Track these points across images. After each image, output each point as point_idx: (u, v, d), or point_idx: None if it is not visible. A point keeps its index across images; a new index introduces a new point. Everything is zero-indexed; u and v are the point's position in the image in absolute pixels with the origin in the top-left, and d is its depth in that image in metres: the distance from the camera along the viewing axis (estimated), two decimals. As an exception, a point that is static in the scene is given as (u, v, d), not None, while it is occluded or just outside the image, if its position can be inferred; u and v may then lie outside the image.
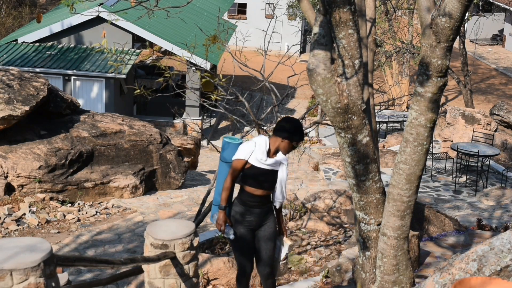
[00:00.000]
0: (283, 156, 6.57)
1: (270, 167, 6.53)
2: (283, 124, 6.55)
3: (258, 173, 6.51)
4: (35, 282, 4.21)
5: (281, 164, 6.58)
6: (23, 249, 4.33)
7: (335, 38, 5.60)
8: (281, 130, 6.51)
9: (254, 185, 6.56)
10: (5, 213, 12.35)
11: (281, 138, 6.52)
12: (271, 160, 6.52)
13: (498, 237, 4.81)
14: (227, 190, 6.56)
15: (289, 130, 6.48)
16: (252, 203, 6.61)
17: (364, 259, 6.45)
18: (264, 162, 6.48)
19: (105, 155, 14.26)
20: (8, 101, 13.27)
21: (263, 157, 6.47)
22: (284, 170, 6.63)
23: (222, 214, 6.54)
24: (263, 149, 6.51)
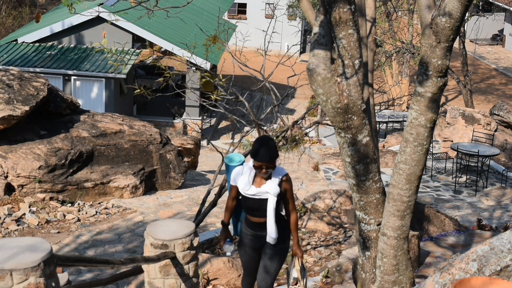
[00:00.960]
0: (272, 185, 6.18)
1: (254, 196, 6.26)
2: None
3: (246, 201, 6.34)
4: (35, 282, 4.21)
5: (267, 193, 6.21)
6: (23, 249, 4.33)
7: (335, 38, 5.60)
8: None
9: (248, 212, 6.42)
10: (5, 213, 12.34)
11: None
12: (253, 190, 6.25)
13: (498, 237, 4.80)
14: (226, 211, 6.57)
15: (252, 148, 6.15)
16: (254, 227, 6.46)
17: (364, 259, 6.45)
18: (246, 192, 6.27)
19: (105, 155, 14.26)
20: (8, 101, 13.27)
21: (245, 186, 6.25)
22: (270, 202, 6.21)
23: (224, 230, 6.57)
24: (247, 175, 6.26)
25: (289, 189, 6.32)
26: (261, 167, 6.10)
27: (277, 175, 6.23)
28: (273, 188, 6.19)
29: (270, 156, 6.07)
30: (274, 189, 6.19)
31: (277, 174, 6.24)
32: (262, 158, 6.06)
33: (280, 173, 6.25)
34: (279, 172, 6.26)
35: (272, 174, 6.19)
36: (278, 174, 6.24)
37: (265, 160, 6.06)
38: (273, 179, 6.21)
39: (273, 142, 6.20)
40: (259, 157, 6.06)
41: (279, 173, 6.25)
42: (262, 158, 6.06)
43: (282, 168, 6.35)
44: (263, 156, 6.06)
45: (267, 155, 6.06)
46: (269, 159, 6.07)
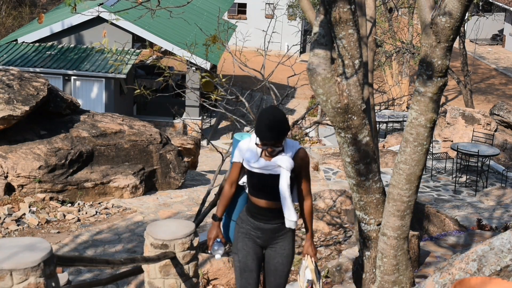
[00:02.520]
0: (285, 158, 5.07)
1: (263, 171, 5.12)
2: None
3: (253, 179, 5.21)
4: (35, 282, 4.20)
5: (280, 167, 5.09)
6: (23, 249, 4.33)
7: (335, 38, 5.60)
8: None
9: (254, 194, 5.25)
10: (5, 213, 12.34)
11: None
12: (261, 162, 5.11)
13: (498, 237, 4.80)
14: (223, 199, 5.41)
15: (256, 124, 5.06)
16: (259, 216, 5.28)
17: (364, 259, 6.45)
18: (253, 165, 5.14)
19: (105, 155, 14.26)
20: (8, 101, 13.27)
21: (251, 158, 5.13)
22: (284, 177, 5.07)
23: (213, 226, 5.37)
24: (254, 148, 5.15)
25: (305, 167, 5.17)
26: (266, 146, 5.04)
27: (290, 148, 5.13)
28: (286, 161, 5.06)
29: (277, 134, 4.95)
30: (288, 162, 5.06)
31: (290, 147, 5.14)
32: (266, 137, 4.96)
33: (293, 145, 5.16)
34: (293, 145, 5.16)
35: (284, 147, 5.10)
36: (292, 147, 5.14)
37: (269, 139, 4.96)
38: (285, 152, 5.12)
39: (280, 114, 5.01)
40: (262, 136, 4.96)
41: (292, 146, 5.16)
42: (266, 137, 4.96)
43: (296, 141, 5.30)
44: (266, 135, 4.95)
45: (272, 133, 4.94)
46: (275, 137, 4.96)
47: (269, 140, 4.96)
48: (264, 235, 5.31)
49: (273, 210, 5.23)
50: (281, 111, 5.06)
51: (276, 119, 4.94)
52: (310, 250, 5.35)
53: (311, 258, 5.35)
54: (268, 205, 5.22)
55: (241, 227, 5.37)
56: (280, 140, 4.98)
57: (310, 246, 5.35)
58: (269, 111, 5.00)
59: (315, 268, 5.35)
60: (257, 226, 5.30)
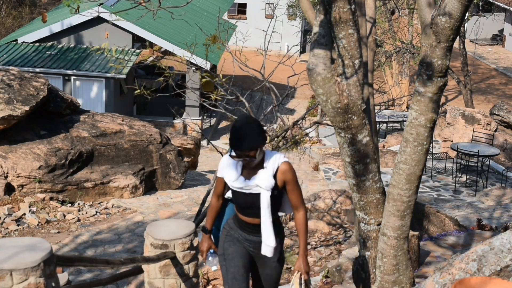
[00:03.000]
0: (264, 177, 4.81)
1: (243, 190, 4.90)
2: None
3: (236, 196, 5.00)
4: (35, 282, 4.20)
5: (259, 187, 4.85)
6: (23, 249, 4.33)
7: (335, 38, 5.60)
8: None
9: (239, 210, 5.06)
10: (5, 213, 12.34)
11: None
12: (241, 182, 4.89)
13: (498, 237, 4.80)
14: (211, 211, 5.23)
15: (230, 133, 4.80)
16: (246, 228, 5.08)
17: (364, 259, 6.45)
18: (233, 184, 4.92)
19: (105, 155, 14.26)
20: (8, 101, 13.27)
21: (232, 176, 4.91)
22: (263, 198, 4.83)
23: (204, 239, 5.26)
24: (234, 166, 4.91)
25: (290, 180, 4.87)
26: (240, 156, 4.77)
27: (271, 162, 4.84)
28: (265, 180, 4.81)
29: (249, 143, 4.67)
30: (267, 181, 4.81)
31: (271, 161, 4.85)
32: (238, 146, 4.71)
33: (274, 159, 4.85)
34: (275, 159, 4.86)
35: (265, 160, 4.83)
36: (273, 162, 4.85)
37: (241, 149, 4.70)
38: (266, 168, 4.83)
39: (253, 123, 4.76)
40: (233, 145, 4.73)
41: (274, 160, 4.85)
42: (238, 146, 4.71)
43: (279, 153, 4.95)
44: (236, 144, 4.71)
45: (242, 142, 4.68)
46: (246, 147, 4.69)
47: (239, 150, 4.71)
48: (252, 245, 5.10)
49: (258, 225, 5.01)
50: (255, 120, 4.82)
51: (247, 127, 4.70)
52: (301, 266, 4.95)
53: (301, 276, 4.94)
54: (254, 222, 5.00)
55: (229, 232, 5.16)
56: (252, 150, 4.70)
57: (302, 263, 4.94)
58: (241, 120, 4.78)
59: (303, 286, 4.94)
60: (245, 238, 5.10)
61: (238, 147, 4.71)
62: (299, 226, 4.98)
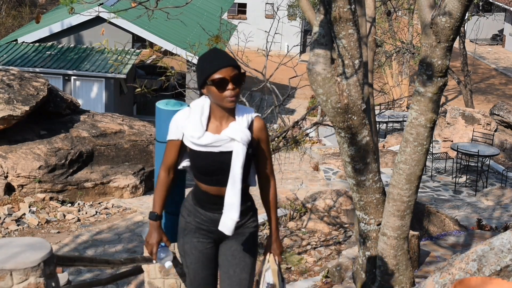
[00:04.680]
0: (239, 129, 3.89)
1: (210, 148, 3.91)
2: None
3: (199, 160, 3.98)
4: (35, 282, 4.20)
5: (233, 141, 3.89)
6: (23, 249, 4.33)
7: (335, 38, 5.60)
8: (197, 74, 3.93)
9: (202, 179, 4.08)
10: (5, 213, 12.34)
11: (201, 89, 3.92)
12: (208, 137, 3.90)
13: (498, 237, 4.80)
14: (159, 190, 4.12)
15: (199, 64, 3.88)
16: (209, 205, 4.06)
17: (364, 259, 6.45)
18: (197, 142, 3.91)
19: (105, 155, 14.26)
20: (8, 101, 13.27)
21: (195, 133, 3.90)
22: (239, 154, 3.87)
23: (153, 228, 4.04)
24: (197, 118, 3.92)
25: (264, 140, 4.00)
26: (225, 82, 3.78)
27: (243, 116, 3.94)
28: (240, 131, 3.88)
29: (232, 59, 3.82)
30: (242, 133, 3.88)
31: (244, 114, 3.95)
32: (222, 62, 3.79)
33: (248, 112, 3.97)
34: (247, 111, 3.98)
35: (236, 115, 3.93)
36: (246, 115, 3.95)
37: (228, 63, 3.80)
38: (238, 120, 3.93)
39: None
40: (214, 65, 3.79)
41: (246, 112, 3.97)
42: (222, 62, 3.79)
43: (250, 108, 4.12)
44: (221, 61, 3.79)
45: (226, 58, 3.82)
46: (233, 61, 3.81)
47: (226, 65, 3.78)
48: (217, 227, 4.02)
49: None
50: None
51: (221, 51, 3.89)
52: (274, 247, 4.15)
53: (275, 257, 4.17)
54: (220, 193, 3.98)
55: (188, 221, 4.11)
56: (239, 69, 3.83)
57: (274, 242, 4.15)
58: (210, 49, 3.92)
59: (278, 270, 4.19)
60: (210, 218, 4.05)
61: (222, 63, 3.78)
62: (272, 199, 4.10)
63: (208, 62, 3.80)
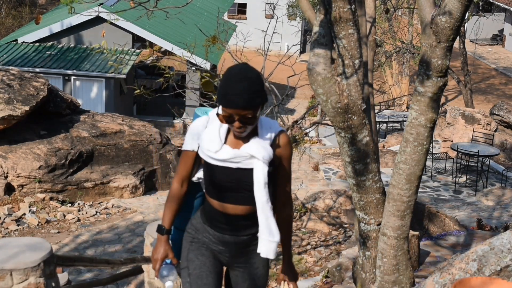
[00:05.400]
0: (261, 145, 3.52)
1: (228, 164, 3.57)
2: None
3: (214, 174, 3.63)
4: (35, 282, 4.20)
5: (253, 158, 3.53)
6: (23, 249, 4.33)
7: (335, 38, 5.60)
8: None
9: (215, 196, 3.68)
10: (5, 213, 12.34)
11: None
12: (226, 152, 3.56)
13: (498, 237, 4.80)
14: (170, 203, 3.74)
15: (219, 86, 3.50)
16: (221, 224, 3.71)
17: (364, 259, 6.44)
18: (214, 156, 3.58)
19: (105, 155, 14.25)
20: (8, 101, 13.27)
21: (211, 146, 3.57)
22: (259, 173, 3.53)
23: (160, 242, 3.72)
24: (216, 129, 3.58)
25: (287, 157, 3.66)
26: (232, 118, 3.44)
27: (267, 130, 3.59)
28: (262, 149, 3.52)
29: (249, 98, 3.39)
30: (265, 151, 3.53)
31: (267, 129, 3.60)
32: (232, 102, 3.40)
33: (273, 127, 3.62)
34: (271, 126, 3.63)
35: (258, 129, 3.57)
36: (269, 129, 3.60)
37: (237, 105, 3.40)
38: (261, 135, 3.57)
39: (254, 73, 3.46)
40: (226, 101, 3.42)
41: (270, 127, 3.62)
42: (232, 102, 3.40)
43: (275, 121, 3.70)
44: (233, 99, 3.40)
45: (241, 96, 3.38)
46: (247, 103, 3.39)
47: (236, 107, 3.39)
48: (228, 250, 3.75)
49: (243, 217, 3.67)
50: (256, 70, 3.52)
51: (247, 77, 3.41)
52: (289, 274, 3.82)
53: (290, 285, 3.85)
54: (236, 211, 3.65)
55: (194, 237, 3.82)
56: (254, 109, 3.41)
57: (289, 269, 3.82)
58: (238, 68, 3.46)
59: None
60: (219, 239, 3.73)
61: (232, 102, 3.40)
62: (287, 224, 3.76)
63: (223, 88, 3.44)
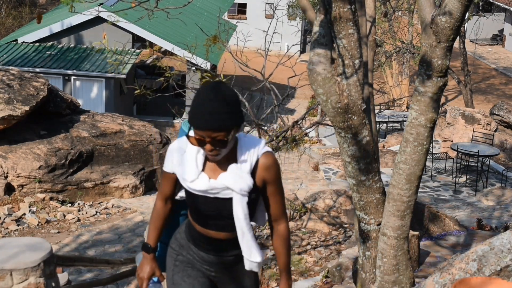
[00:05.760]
0: (237, 175, 3.30)
1: (206, 194, 3.37)
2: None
3: (194, 202, 3.45)
4: (35, 282, 4.21)
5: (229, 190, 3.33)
6: (23, 249, 4.33)
7: (335, 38, 5.60)
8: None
9: (197, 220, 3.51)
10: (5, 213, 12.34)
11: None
12: (204, 182, 3.34)
13: (498, 237, 4.80)
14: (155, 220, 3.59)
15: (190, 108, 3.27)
16: (205, 245, 3.55)
17: (364, 259, 6.44)
18: (190, 185, 3.37)
19: (105, 155, 14.25)
20: (8, 101, 13.27)
21: (187, 175, 3.35)
22: (238, 206, 3.33)
23: (146, 261, 3.60)
24: (193, 156, 3.35)
25: (273, 179, 3.41)
26: (203, 140, 3.20)
27: (246, 154, 3.32)
28: (239, 180, 3.30)
29: (219, 120, 3.16)
30: (242, 182, 3.30)
31: (247, 152, 3.33)
32: (200, 123, 3.17)
33: (252, 148, 3.34)
34: (253, 146, 3.35)
35: (238, 150, 3.34)
36: (250, 153, 3.33)
37: (206, 127, 3.17)
38: (241, 161, 3.32)
39: (228, 92, 3.22)
40: (195, 122, 3.19)
41: (251, 148, 3.34)
42: (200, 123, 3.17)
43: (259, 139, 3.42)
44: (199, 120, 3.17)
45: (212, 116, 3.15)
46: (215, 125, 3.17)
47: (206, 129, 3.16)
48: (214, 270, 3.59)
49: (227, 241, 3.51)
50: (231, 89, 3.28)
51: (218, 96, 3.16)
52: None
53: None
54: (219, 237, 3.49)
55: (179, 253, 3.62)
56: (226, 131, 3.18)
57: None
58: (211, 86, 3.21)
59: None
60: (203, 259, 3.56)
61: (201, 124, 3.17)
62: (282, 243, 3.53)
63: (194, 108, 3.22)
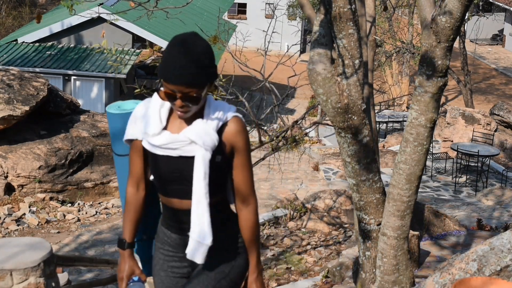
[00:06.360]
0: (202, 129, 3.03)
1: (168, 152, 3.06)
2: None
3: (157, 165, 3.12)
4: (35, 282, 4.21)
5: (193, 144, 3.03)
6: (23, 249, 4.33)
7: (335, 38, 5.60)
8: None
9: (162, 190, 3.19)
10: (5, 213, 12.34)
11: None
12: (164, 136, 3.06)
13: (498, 237, 4.80)
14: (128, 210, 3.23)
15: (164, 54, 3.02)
16: (173, 223, 3.22)
17: (364, 259, 6.45)
18: (152, 141, 3.08)
19: (105, 155, 14.25)
20: (8, 101, 13.27)
21: (149, 128, 3.07)
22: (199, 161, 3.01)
23: (123, 259, 3.21)
24: (156, 112, 3.09)
25: (242, 147, 3.10)
26: (174, 95, 2.98)
27: (215, 113, 3.08)
28: (203, 132, 3.03)
29: (192, 73, 2.93)
30: (207, 135, 3.02)
31: (216, 111, 3.09)
32: (173, 77, 2.94)
33: (223, 111, 3.10)
34: (222, 109, 3.10)
35: (205, 111, 3.08)
36: (219, 113, 3.08)
37: (182, 81, 2.93)
38: (207, 118, 3.06)
39: (202, 44, 2.97)
40: (166, 75, 2.96)
41: (220, 110, 3.10)
42: (173, 77, 2.94)
43: (230, 105, 3.16)
44: (171, 73, 2.95)
45: (186, 70, 2.93)
46: (191, 79, 2.94)
47: (179, 83, 2.93)
48: (182, 253, 3.20)
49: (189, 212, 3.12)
50: (205, 42, 3.01)
51: (193, 49, 2.93)
52: (254, 283, 3.24)
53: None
54: (181, 206, 3.14)
55: (160, 247, 3.30)
56: (199, 87, 2.95)
57: (254, 281, 3.24)
58: (184, 37, 2.96)
59: None
60: (175, 242, 3.23)
61: (174, 77, 2.94)
62: (249, 226, 3.17)
63: (166, 60, 2.97)
